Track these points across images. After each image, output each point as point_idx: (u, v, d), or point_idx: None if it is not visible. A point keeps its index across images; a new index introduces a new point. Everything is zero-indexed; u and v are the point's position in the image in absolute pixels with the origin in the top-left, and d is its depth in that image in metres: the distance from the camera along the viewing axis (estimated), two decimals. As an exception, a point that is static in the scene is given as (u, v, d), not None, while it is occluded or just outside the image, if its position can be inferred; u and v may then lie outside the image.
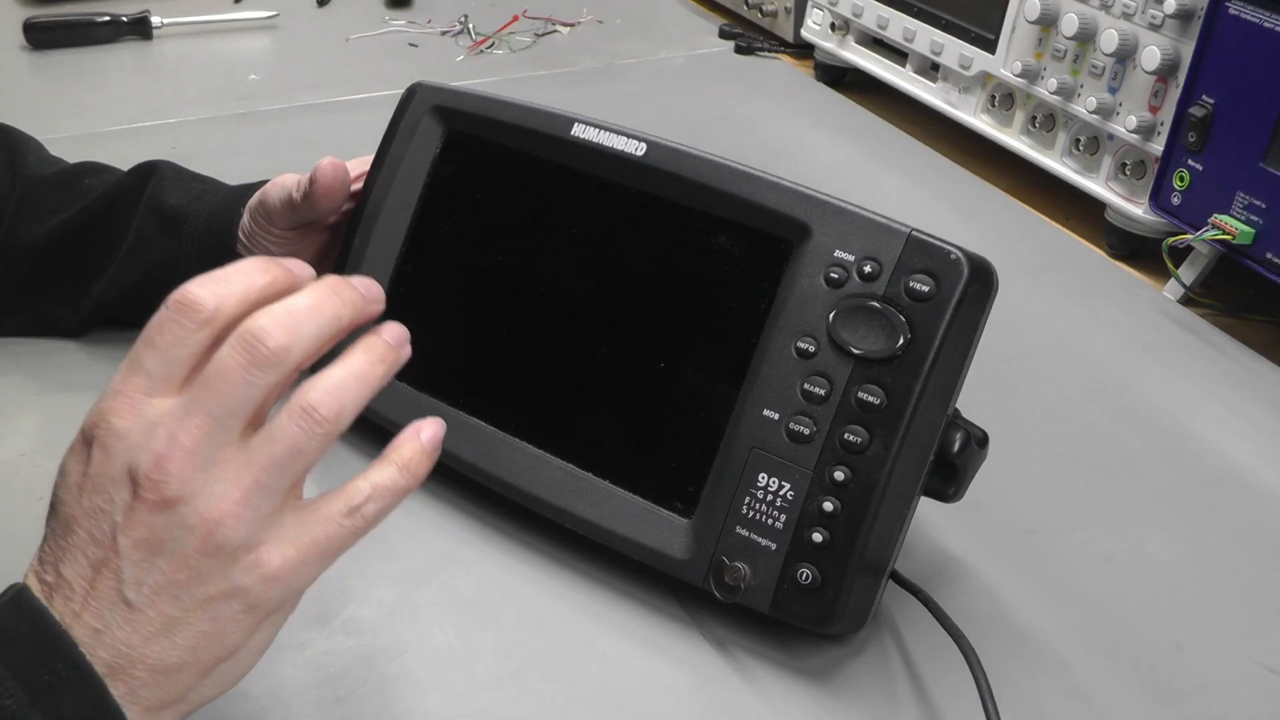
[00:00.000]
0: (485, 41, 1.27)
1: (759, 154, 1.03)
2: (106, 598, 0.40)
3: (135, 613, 0.40)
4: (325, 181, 0.64)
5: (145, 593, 0.40)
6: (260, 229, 0.68)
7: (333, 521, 0.42)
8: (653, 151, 0.58)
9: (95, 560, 0.40)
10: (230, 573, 0.40)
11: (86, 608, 0.40)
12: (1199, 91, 0.82)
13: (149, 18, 1.25)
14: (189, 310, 0.41)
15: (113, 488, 0.40)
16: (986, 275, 0.52)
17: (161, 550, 0.40)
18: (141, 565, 0.40)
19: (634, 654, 0.55)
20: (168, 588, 0.40)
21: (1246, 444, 0.71)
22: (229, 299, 0.41)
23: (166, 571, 0.40)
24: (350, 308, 0.43)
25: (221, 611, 0.41)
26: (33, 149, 0.77)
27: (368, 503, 0.43)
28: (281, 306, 0.41)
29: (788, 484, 0.53)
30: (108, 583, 0.40)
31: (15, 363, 0.71)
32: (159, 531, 0.40)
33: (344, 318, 0.42)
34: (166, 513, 0.40)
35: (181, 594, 0.40)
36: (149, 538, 0.40)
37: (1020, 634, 0.57)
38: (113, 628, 0.40)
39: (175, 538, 0.40)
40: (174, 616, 0.40)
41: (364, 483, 0.43)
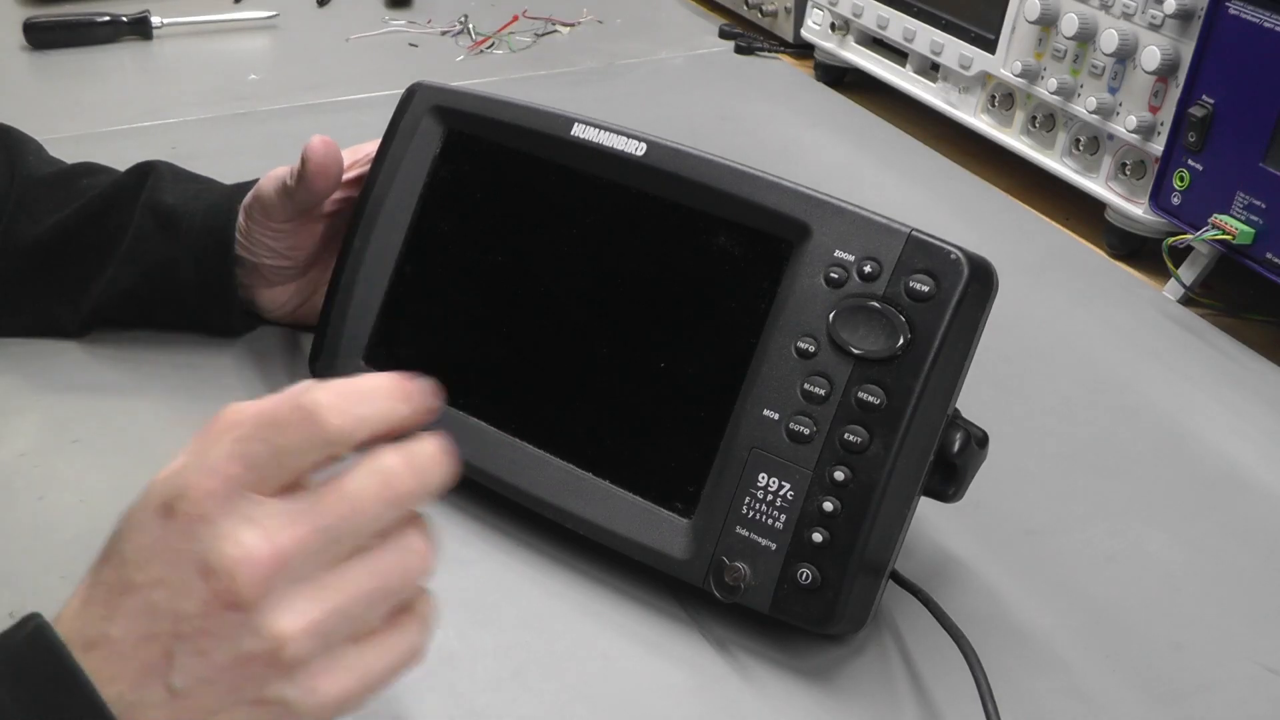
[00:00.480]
0: (485, 41, 1.27)
1: (759, 154, 1.03)
2: (149, 674, 0.38)
3: (175, 698, 0.38)
4: (317, 159, 0.64)
5: (191, 682, 0.38)
6: (258, 225, 0.68)
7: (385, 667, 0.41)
8: (653, 151, 0.58)
9: (147, 633, 0.38)
10: (284, 687, 0.39)
11: (124, 675, 0.38)
12: (1199, 91, 0.82)
13: (149, 18, 1.25)
14: (321, 427, 0.39)
15: (188, 569, 0.38)
16: (986, 275, 0.52)
17: (222, 647, 0.38)
18: (196, 655, 0.38)
19: (634, 654, 0.55)
20: (216, 684, 0.38)
21: (1246, 444, 0.71)
22: (363, 430, 0.39)
23: (220, 667, 0.38)
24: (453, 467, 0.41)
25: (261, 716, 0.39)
26: (32, 149, 0.77)
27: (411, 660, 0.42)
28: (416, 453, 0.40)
29: (788, 484, 0.53)
30: (155, 660, 0.38)
31: (15, 363, 0.71)
32: (226, 629, 0.38)
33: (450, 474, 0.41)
34: (240, 613, 0.38)
35: (227, 694, 0.38)
36: (214, 632, 0.38)
37: (1020, 634, 0.57)
38: (146, 705, 0.38)
39: (240, 639, 0.38)
40: (212, 711, 0.39)
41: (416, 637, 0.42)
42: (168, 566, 0.38)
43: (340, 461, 0.39)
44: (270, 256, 0.69)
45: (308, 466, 0.39)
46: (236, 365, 0.72)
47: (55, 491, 0.62)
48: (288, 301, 0.73)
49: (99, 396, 0.69)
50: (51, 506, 0.61)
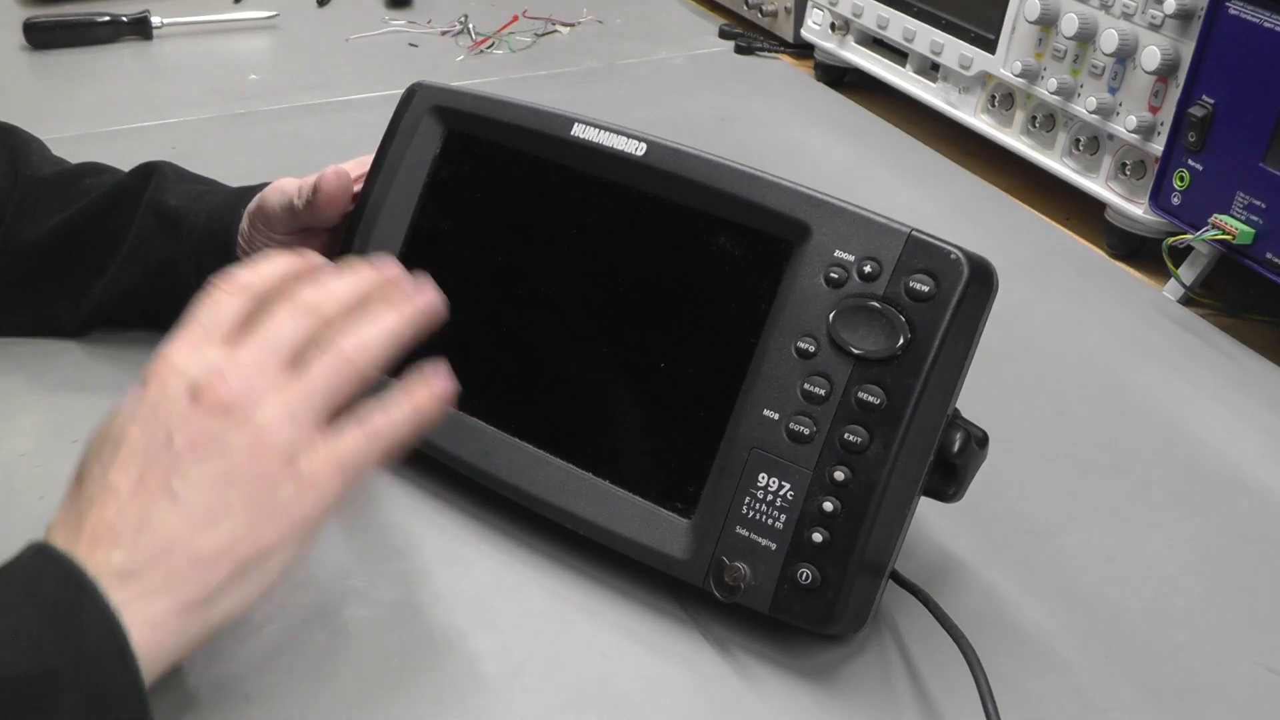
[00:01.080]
0: (485, 41, 1.27)
1: (759, 154, 1.03)
2: (154, 491, 0.44)
3: (180, 503, 0.44)
4: (329, 190, 0.65)
5: (192, 484, 0.44)
6: (259, 233, 0.68)
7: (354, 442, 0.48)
8: (653, 151, 0.58)
9: (146, 460, 0.44)
10: (272, 471, 0.45)
11: (133, 502, 0.44)
12: (1199, 91, 0.82)
13: (149, 18, 1.25)
14: (233, 281, 0.49)
15: (171, 403, 0.45)
16: (986, 275, 0.52)
17: (213, 449, 0.45)
18: (192, 462, 0.44)
19: (634, 654, 0.55)
20: (214, 481, 0.44)
21: (1246, 444, 0.71)
22: (265, 274, 0.49)
23: (215, 467, 0.45)
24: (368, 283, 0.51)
25: (262, 505, 0.45)
26: (35, 149, 0.77)
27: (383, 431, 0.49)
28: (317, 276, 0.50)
29: (788, 484, 0.53)
30: (157, 478, 0.44)
31: (15, 363, 0.71)
32: (213, 432, 0.45)
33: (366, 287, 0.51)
34: (222, 416, 0.45)
35: (226, 488, 0.44)
36: (203, 438, 0.45)
37: (1020, 634, 0.57)
38: (156, 520, 0.44)
39: (227, 438, 0.45)
40: (216, 507, 0.44)
41: (380, 416, 0.49)
42: (155, 408, 0.45)
43: None
44: (270, 264, 0.69)
45: (243, 311, 0.48)
46: (236, 365, 0.72)
47: (55, 491, 0.62)
48: (287, 304, 0.73)
49: (99, 396, 0.69)
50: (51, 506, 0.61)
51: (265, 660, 0.53)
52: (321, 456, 0.47)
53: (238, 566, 0.45)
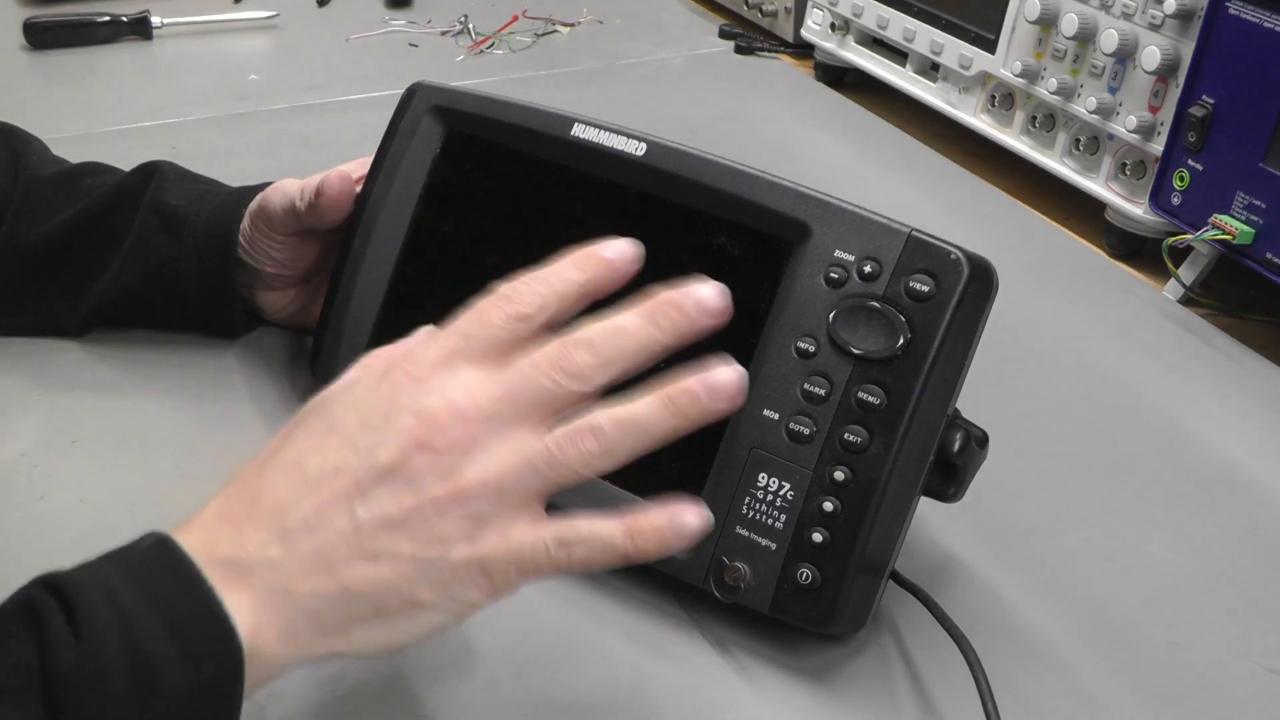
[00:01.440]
0: (485, 41, 1.27)
1: (759, 154, 1.03)
2: (339, 499, 0.41)
3: (355, 527, 0.41)
4: (332, 194, 0.65)
5: (373, 513, 0.41)
6: (260, 234, 0.68)
7: (541, 544, 0.43)
8: (653, 151, 0.58)
9: (345, 464, 0.42)
10: (450, 533, 0.41)
11: (312, 497, 0.41)
12: (1199, 91, 0.82)
13: (149, 18, 1.25)
14: (513, 306, 0.44)
15: (397, 413, 0.42)
16: (986, 275, 0.52)
17: (410, 485, 0.41)
18: (384, 489, 0.41)
19: (634, 654, 0.55)
20: (394, 520, 0.41)
21: (1246, 444, 0.71)
22: (549, 305, 0.44)
23: (402, 504, 0.41)
24: (668, 333, 0.44)
25: (428, 563, 0.41)
26: (36, 149, 0.77)
27: (576, 545, 0.43)
28: (602, 329, 0.43)
29: (788, 484, 0.53)
30: (346, 488, 0.41)
31: (15, 363, 0.71)
32: (418, 467, 0.41)
33: (660, 343, 0.44)
34: (433, 456, 0.41)
35: (401, 531, 0.41)
36: (406, 468, 0.41)
37: (1020, 634, 0.57)
38: (329, 529, 0.41)
39: (428, 480, 0.41)
40: (383, 549, 0.41)
41: (585, 525, 0.43)
42: (377, 410, 0.42)
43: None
44: (271, 265, 0.69)
45: (515, 340, 0.43)
46: (237, 365, 0.72)
47: (55, 491, 0.62)
48: (287, 305, 0.73)
49: (99, 396, 0.69)
50: (51, 506, 0.61)
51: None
52: (504, 539, 0.42)
53: (381, 609, 0.42)
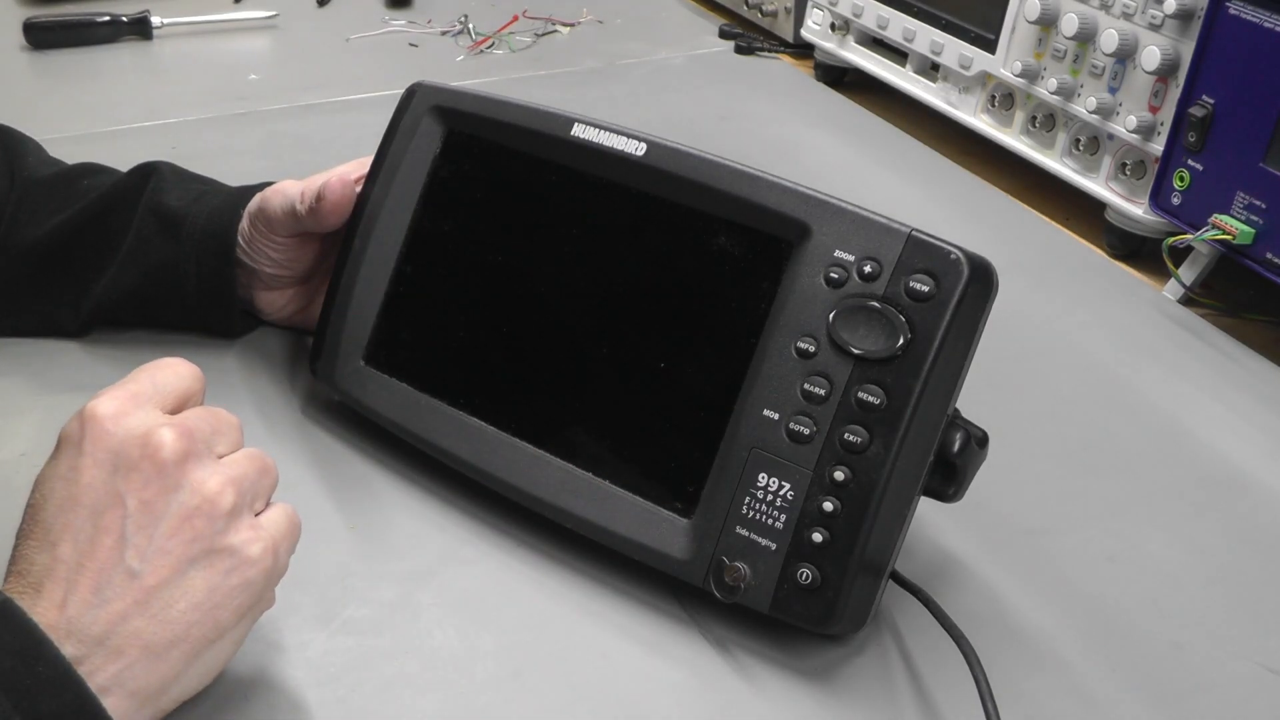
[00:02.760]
0: (485, 41, 1.27)
1: (759, 154, 1.03)
2: (107, 564, 0.43)
3: (134, 580, 0.43)
4: (332, 199, 0.65)
5: (148, 556, 0.43)
6: (259, 235, 0.68)
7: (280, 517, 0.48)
8: (653, 151, 0.58)
9: (97, 528, 0.43)
10: (225, 533, 0.45)
11: (83, 577, 0.43)
12: (1199, 91, 0.82)
13: (149, 18, 1.25)
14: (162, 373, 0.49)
15: (116, 456, 0.44)
16: (986, 275, 0.52)
17: (164, 512, 0.44)
18: (144, 526, 0.43)
19: (634, 654, 0.55)
20: (167, 550, 0.44)
21: (1246, 444, 0.71)
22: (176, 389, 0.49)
23: (167, 533, 0.44)
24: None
25: (216, 578, 0.44)
26: (32, 150, 0.77)
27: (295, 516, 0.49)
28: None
29: (788, 484, 0.53)
30: (109, 549, 0.43)
31: (15, 363, 0.71)
32: (163, 490, 0.44)
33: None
34: (169, 474, 0.44)
35: (180, 556, 0.44)
36: (152, 498, 0.44)
37: (1020, 634, 0.57)
38: (110, 598, 0.42)
39: (176, 498, 0.44)
40: (171, 583, 0.43)
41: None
42: (99, 467, 0.44)
43: None
44: (270, 265, 0.69)
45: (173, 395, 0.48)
46: (237, 365, 0.72)
47: (55, 491, 0.62)
48: (286, 305, 0.73)
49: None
50: (51, 506, 0.61)
51: (265, 660, 0.53)
52: (259, 531, 0.46)
53: (192, 650, 0.44)
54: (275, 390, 0.70)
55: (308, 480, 0.64)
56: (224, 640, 0.46)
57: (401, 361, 0.65)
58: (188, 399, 0.48)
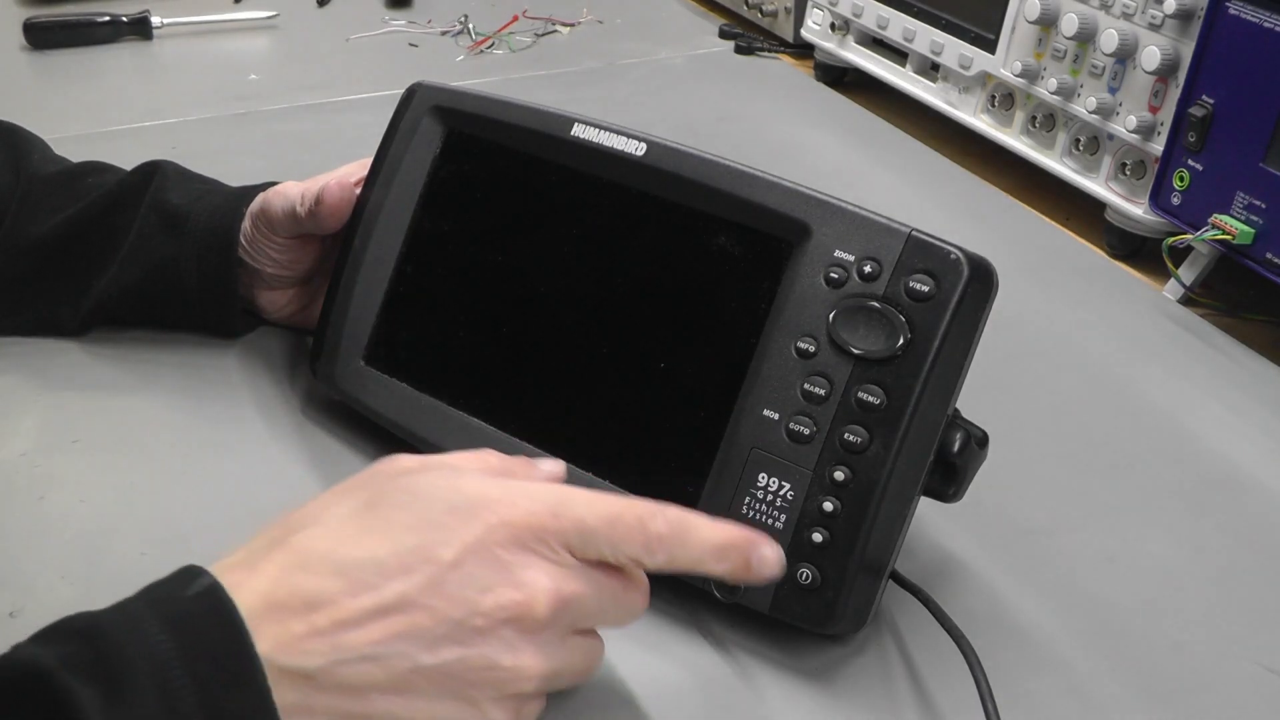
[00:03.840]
0: (485, 41, 1.27)
1: (759, 154, 1.03)
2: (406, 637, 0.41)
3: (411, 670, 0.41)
4: (332, 202, 0.65)
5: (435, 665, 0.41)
6: (260, 235, 0.68)
7: None
8: (653, 151, 0.58)
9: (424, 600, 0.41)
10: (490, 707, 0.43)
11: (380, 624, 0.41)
12: (1199, 91, 0.82)
13: (149, 18, 1.25)
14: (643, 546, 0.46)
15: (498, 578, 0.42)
16: (986, 275, 0.52)
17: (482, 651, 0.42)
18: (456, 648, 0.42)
19: (634, 654, 0.55)
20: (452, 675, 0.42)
21: (1246, 444, 0.71)
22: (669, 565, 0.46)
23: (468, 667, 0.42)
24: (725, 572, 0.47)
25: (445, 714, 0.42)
26: (37, 147, 0.77)
27: None
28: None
29: (788, 484, 0.53)
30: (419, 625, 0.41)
31: (15, 362, 0.71)
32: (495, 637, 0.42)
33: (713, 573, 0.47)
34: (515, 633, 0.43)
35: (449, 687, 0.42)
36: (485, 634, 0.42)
37: (1020, 634, 0.57)
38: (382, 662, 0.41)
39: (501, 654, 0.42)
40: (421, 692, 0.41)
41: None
42: (484, 568, 0.42)
43: None
44: (271, 265, 0.69)
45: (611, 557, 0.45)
46: (237, 365, 0.72)
47: (55, 491, 0.62)
48: (287, 305, 0.73)
49: (99, 396, 0.69)
50: (51, 506, 0.61)
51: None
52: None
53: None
54: (275, 390, 0.70)
55: (308, 480, 0.64)
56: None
57: (401, 361, 0.65)
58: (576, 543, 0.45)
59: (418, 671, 0.41)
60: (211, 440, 0.67)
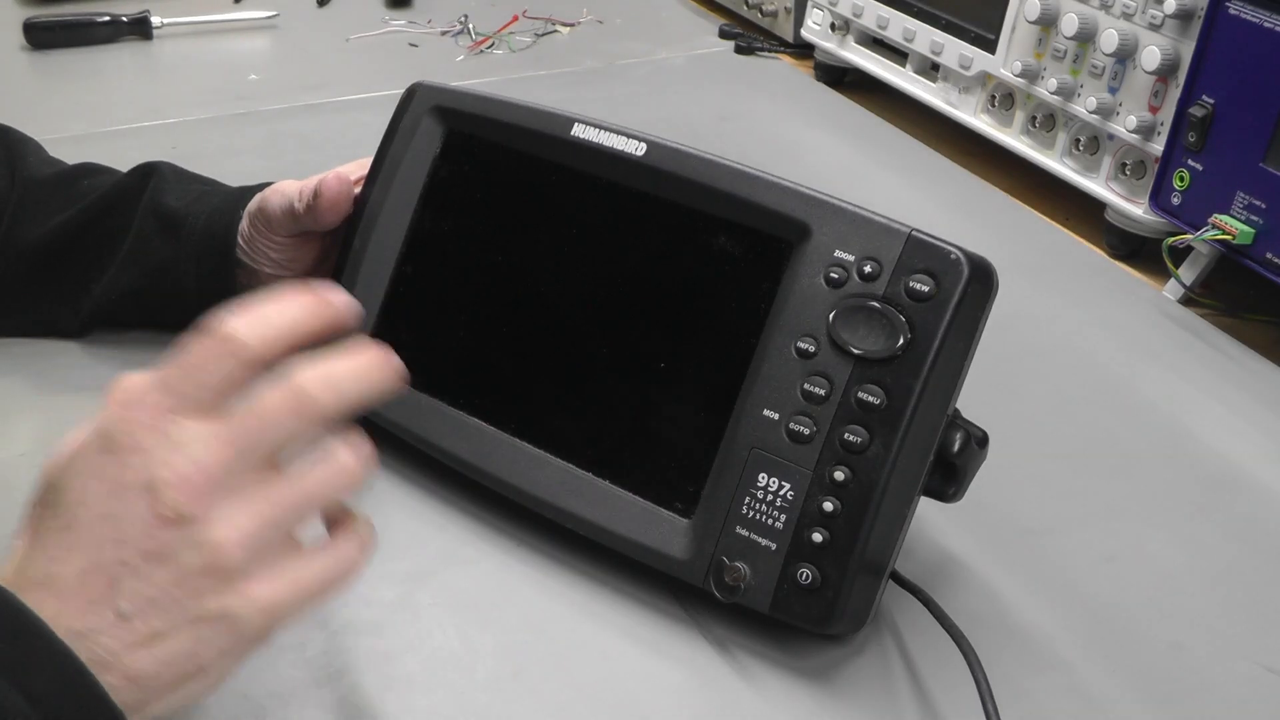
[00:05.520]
0: (485, 41, 1.27)
1: (759, 154, 1.03)
2: (97, 603, 0.41)
3: (123, 622, 0.41)
4: (330, 195, 0.65)
5: (138, 604, 0.41)
6: (259, 234, 0.68)
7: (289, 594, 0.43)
8: (653, 151, 0.58)
9: (93, 563, 0.41)
10: (224, 596, 0.41)
11: (69, 608, 0.41)
12: (1199, 91, 0.82)
13: (149, 18, 1.25)
14: (230, 343, 0.42)
15: (130, 497, 0.41)
16: (986, 275, 0.52)
17: (165, 564, 0.41)
18: (142, 577, 0.41)
19: (634, 654, 0.55)
20: (161, 602, 0.41)
21: (1246, 444, 0.71)
22: (271, 340, 0.43)
23: (163, 586, 0.41)
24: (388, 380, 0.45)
25: (206, 634, 0.41)
26: (32, 150, 0.77)
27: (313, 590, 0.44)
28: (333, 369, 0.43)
29: (788, 484, 0.53)
30: (101, 589, 0.41)
31: (15, 363, 0.71)
32: (167, 546, 0.41)
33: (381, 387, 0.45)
34: (179, 529, 0.41)
35: (173, 610, 0.41)
36: (157, 550, 0.41)
37: (1020, 634, 0.57)
38: (96, 633, 0.41)
39: (181, 554, 0.41)
40: (160, 631, 0.41)
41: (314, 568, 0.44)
42: (110, 499, 0.41)
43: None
44: (270, 265, 0.69)
45: (232, 382, 0.42)
46: (236, 365, 0.72)
47: (55, 491, 0.62)
48: (286, 306, 0.73)
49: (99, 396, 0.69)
50: (51, 506, 0.61)
51: (264, 660, 0.53)
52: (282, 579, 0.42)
53: (172, 683, 0.42)
54: (275, 390, 0.70)
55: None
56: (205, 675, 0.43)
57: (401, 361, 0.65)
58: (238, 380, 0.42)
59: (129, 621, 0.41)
60: (211, 440, 0.67)
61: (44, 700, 0.39)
